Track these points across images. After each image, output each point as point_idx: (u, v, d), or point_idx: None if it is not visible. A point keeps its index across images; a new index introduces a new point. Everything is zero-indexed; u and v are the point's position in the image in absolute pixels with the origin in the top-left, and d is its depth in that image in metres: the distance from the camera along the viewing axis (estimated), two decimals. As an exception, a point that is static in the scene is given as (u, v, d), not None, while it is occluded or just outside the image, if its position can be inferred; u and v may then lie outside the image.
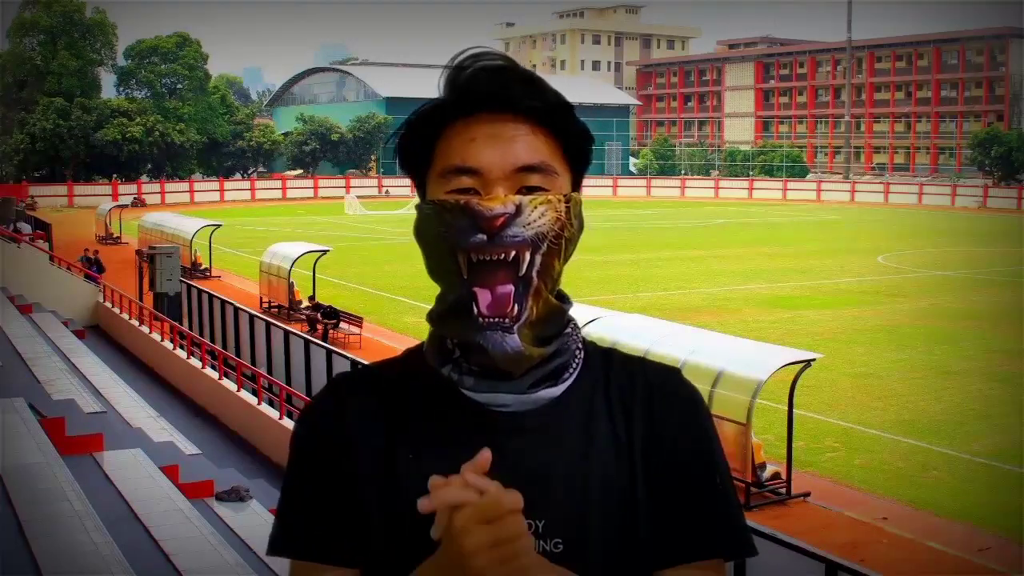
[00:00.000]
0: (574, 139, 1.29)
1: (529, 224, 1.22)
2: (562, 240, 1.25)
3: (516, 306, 1.24)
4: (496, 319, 1.24)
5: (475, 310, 1.24)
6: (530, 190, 1.24)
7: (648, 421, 1.30)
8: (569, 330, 1.33)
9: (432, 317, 1.32)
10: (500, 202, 1.22)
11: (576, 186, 1.31)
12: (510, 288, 1.24)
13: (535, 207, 1.23)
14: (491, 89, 1.26)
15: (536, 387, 1.27)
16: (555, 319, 1.29)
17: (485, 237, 1.22)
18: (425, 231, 1.27)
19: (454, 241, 1.24)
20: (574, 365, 1.31)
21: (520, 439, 1.26)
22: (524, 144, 1.25)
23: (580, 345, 1.34)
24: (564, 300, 1.33)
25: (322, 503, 1.29)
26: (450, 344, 1.30)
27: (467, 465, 1.08)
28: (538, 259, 1.24)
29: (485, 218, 1.21)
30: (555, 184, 1.26)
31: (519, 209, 1.22)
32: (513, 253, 1.23)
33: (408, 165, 1.32)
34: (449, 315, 1.28)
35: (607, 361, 1.35)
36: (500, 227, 1.21)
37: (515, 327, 1.24)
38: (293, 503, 1.32)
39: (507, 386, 1.27)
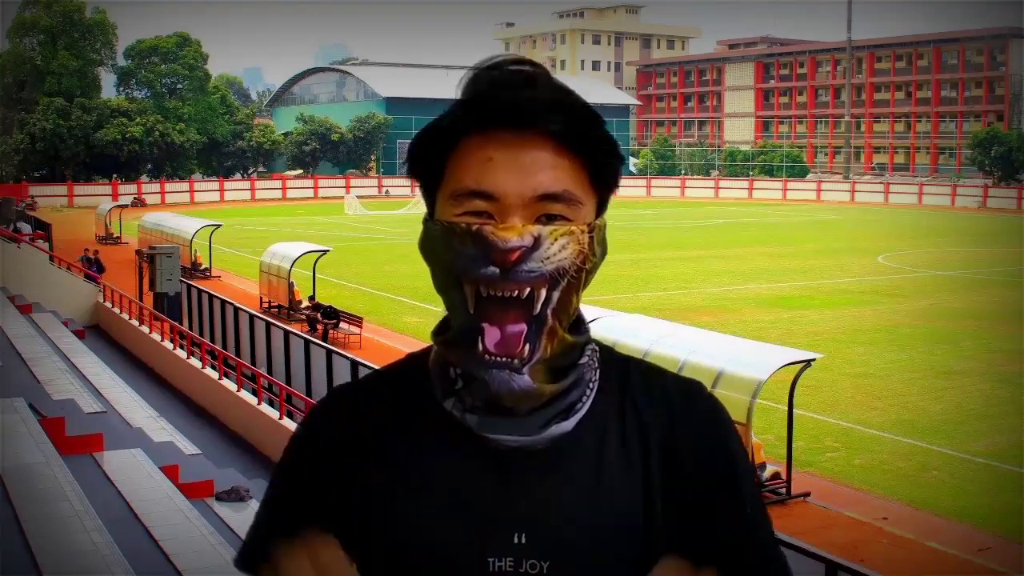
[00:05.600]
0: (602, 161, 1.17)
1: (548, 259, 1.11)
2: (583, 273, 1.15)
3: (527, 346, 1.13)
4: (503, 358, 1.13)
5: (480, 346, 1.14)
6: (550, 218, 1.13)
7: (667, 446, 1.20)
8: (585, 359, 1.21)
9: (437, 338, 1.22)
10: (517, 233, 1.10)
11: (601, 210, 1.19)
12: (522, 328, 1.12)
13: (555, 239, 1.11)
14: (513, 103, 1.13)
15: (546, 427, 1.17)
16: (571, 353, 1.19)
17: (498, 271, 1.10)
18: (431, 251, 1.16)
19: (461, 270, 1.12)
20: (588, 392, 1.21)
21: (527, 476, 1.18)
22: (547, 170, 1.12)
23: (596, 365, 1.23)
24: (580, 330, 1.21)
25: (303, 484, 1.23)
26: (453, 374, 1.19)
27: None
28: (555, 296, 1.13)
29: (499, 250, 1.10)
30: (578, 214, 1.14)
31: (537, 242, 1.10)
32: (528, 290, 1.11)
33: (418, 176, 1.20)
34: (453, 343, 1.18)
35: (624, 376, 1.24)
36: (515, 261, 1.10)
37: (525, 368, 1.14)
38: (272, 515, 1.25)
39: (515, 427, 1.17)
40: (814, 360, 12.57)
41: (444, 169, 1.16)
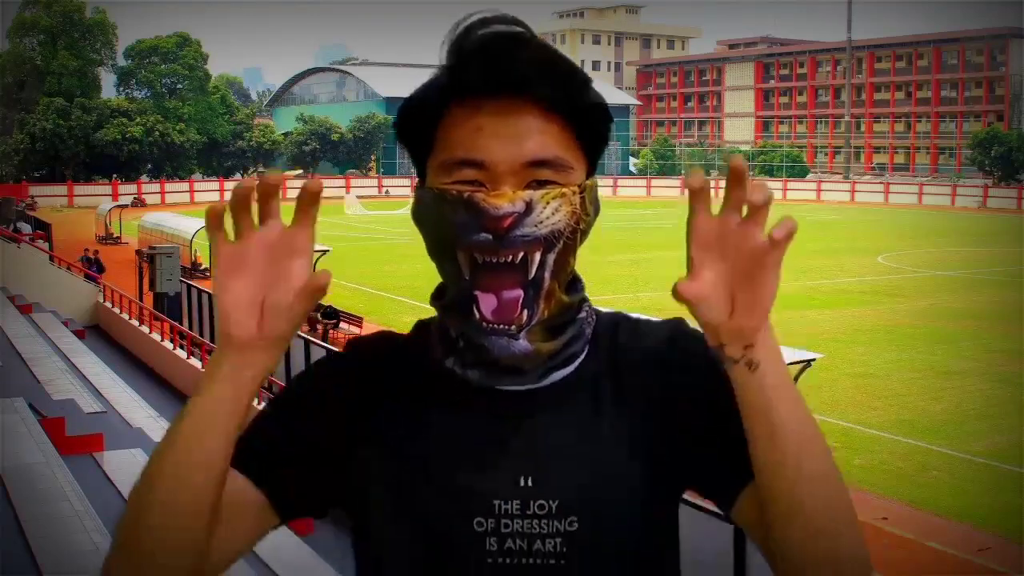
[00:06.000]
0: (591, 122, 1.17)
1: (541, 222, 1.11)
2: (578, 233, 1.16)
3: (525, 312, 1.14)
4: (501, 325, 1.14)
5: (477, 314, 1.15)
6: (540, 184, 1.13)
7: (667, 395, 1.21)
8: (583, 314, 1.24)
9: (435, 303, 1.24)
10: (508, 199, 1.10)
11: (591, 171, 1.19)
12: (518, 293, 1.14)
13: (547, 203, 1.12)
14: (499, 69, 1.12)
15: (546, 375, 1.20)
16: (567, 312, 1.21)
17: (491, 237, 1.11)
18: (423, 219, 1.18)
19: (454, 237, 1.13)
20: (586, 344, 1.23)
21: (528, 422, 1.20)
22: (536, 136, 1.13)
23: (592, 320, 1.26)
24: (576, 288, 1.23)
25: (283, 433, 1.21)
26: (454, 334, 1.20)
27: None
28: (551, 258, 1.14)
29: (491, 217, 1.10)
30: (568, 178, 1.14)
31: (529, 207, 1.11)
32: (521, 254, 1.12)
33: (407, 145, 1.21)
34: (451, 309, 1.20)
35: (615, 330, 1.27)
36: (508, 227, 1.10)
37: (522, 334, 1.15)
38: (254, 425, 1.22)
39: (515, 380, 1.19)
40: (814, 360, 12.56)
41: (433, 138, 1.17)
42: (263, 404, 1.29)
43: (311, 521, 8.82)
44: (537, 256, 1.13)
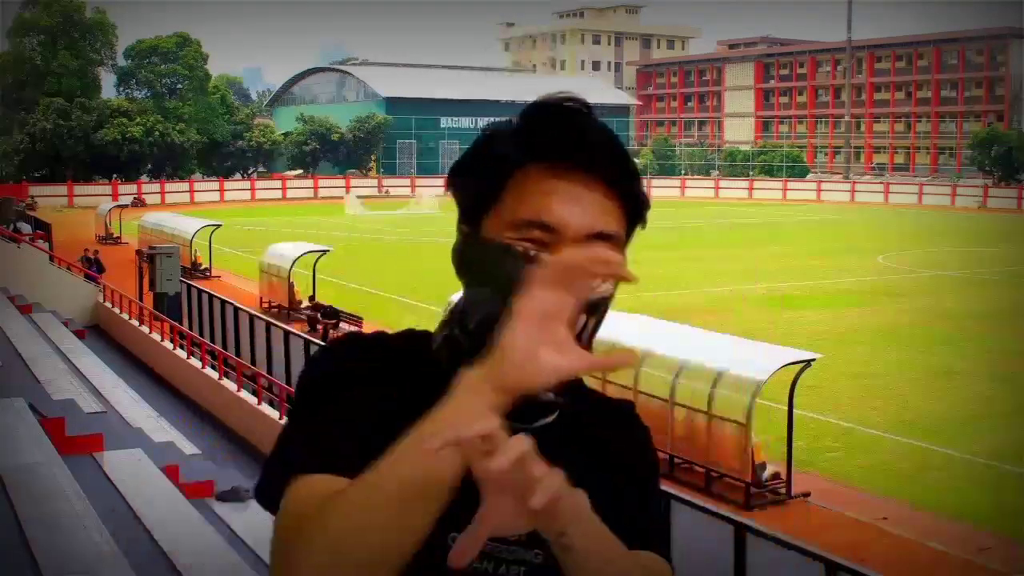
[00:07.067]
0: (636, 206, 1.26)
1: (594, 289, 1.14)
2: (610, 303, 1.22)
3: None
4: None
5: None
6: None
7: (615, 463, 1.30)
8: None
9: (458, 328, 1.26)
10: None
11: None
12: None
13: None
14: (577, 139, 1.20)
15: (533, 420, 1.24)
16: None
17: None
18: (477, 266, 1.23)
19: (510, 290, 1.13)
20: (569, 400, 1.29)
21: None
22: (601, 209, 1.20)
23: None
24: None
25: (328, 425, 1.20)
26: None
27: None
28: (591, 323, 1.19)
29: None
30: (619, 253, 1.22)
31: None
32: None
33: (469, 195, 1.25)
34: (479, 342, 1.18)
35: (583, 393, 1.35)
36: None
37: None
38: (294, 433, 1.23)
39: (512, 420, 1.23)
40: (814, 360, 12.57)
41: (501, 189, 1.22)
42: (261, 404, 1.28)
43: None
44: (582, 319, 1.17)
